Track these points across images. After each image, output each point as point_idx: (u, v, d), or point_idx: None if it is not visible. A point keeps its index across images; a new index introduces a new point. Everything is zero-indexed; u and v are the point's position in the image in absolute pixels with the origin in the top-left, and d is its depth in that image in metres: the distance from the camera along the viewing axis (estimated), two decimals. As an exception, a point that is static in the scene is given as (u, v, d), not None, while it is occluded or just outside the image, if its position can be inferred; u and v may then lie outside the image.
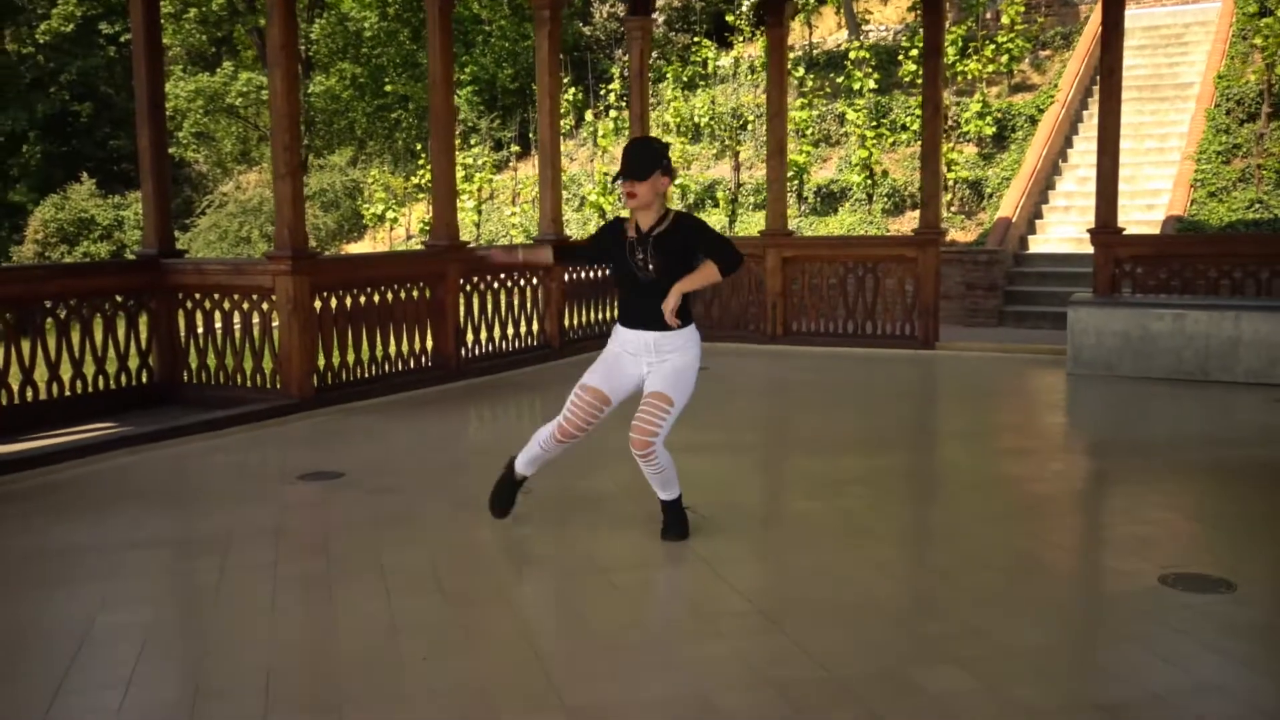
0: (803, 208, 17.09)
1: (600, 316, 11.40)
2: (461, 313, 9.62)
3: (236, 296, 8.41)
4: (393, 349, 9.05)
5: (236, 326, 8.50)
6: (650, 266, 4.80)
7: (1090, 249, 13.95)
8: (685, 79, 21.16)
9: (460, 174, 22.20)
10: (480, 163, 22.60)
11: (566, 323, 10.83)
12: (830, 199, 17.15)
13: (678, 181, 19.53)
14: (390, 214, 22.71)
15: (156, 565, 4.83)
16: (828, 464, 6.58)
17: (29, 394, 7.79)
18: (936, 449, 7.41)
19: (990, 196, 15.89)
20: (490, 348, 10.04)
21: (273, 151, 8.15)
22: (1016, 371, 9.85)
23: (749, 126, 19.36)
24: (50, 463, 6.56)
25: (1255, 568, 4.60)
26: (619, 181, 4.78)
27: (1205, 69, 17.01)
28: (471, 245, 10.36)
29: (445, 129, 9.44)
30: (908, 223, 16.13)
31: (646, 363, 4.87)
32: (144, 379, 8.60)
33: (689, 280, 4.77)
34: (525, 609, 4.16)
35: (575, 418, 4.95)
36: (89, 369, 8.20)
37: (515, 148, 23.39)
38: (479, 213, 21.03)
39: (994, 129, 16.75)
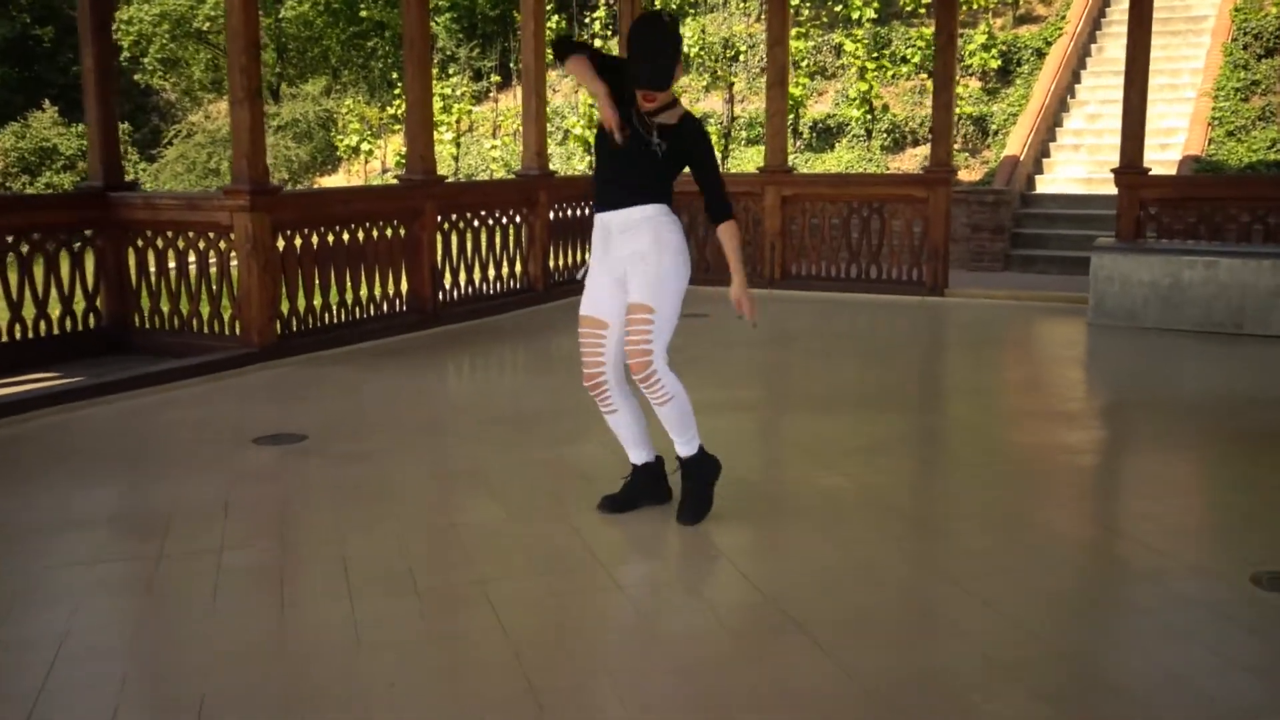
0: (798, 144, 16.32)
1: (588, 256, 10.67)
2: (439, 253, 8.89)
3: (191, 234, 7.66)
4: (364, 293, 8.33)
5: (192, 266, 7.75)
6: (631, 135, 4.15)
7: (1102, 190, 13.46)
8: (674, 6, 20.23)
9: (438, 105, 21.28)
10: (459, 93, 21.67)
11: (552, 263, 10.11)
12: (826, 134, 16.39)
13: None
14: (366, 146, 21.80)
15: (86, 550, 4.15)
16: (842, 427, 5.94)
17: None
18: (962, 410, 6.77)
19: (995, 134, 15.17)
20: (470, 291, 9.32)
21: (229, 74, 7.36)
22: (1034, 321, 9.22)
23: (741, 57, 18.51)
24: (-24, 420, 5.87)
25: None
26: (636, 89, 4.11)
27: (1220, 1, 16.26)
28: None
29: (420, 55, 8.63)
30: (908, 161, 15.40)
31: (616, 259, 4.22)
32: (91, 323, 7.88)
33: (733, 261, 4.34)
34: (513, 615, 3.52)
35: (584, 353, 4.34)
36: (28, 312, 7.47)
37: (496, 78, 22.47)
38: (457, 145, 20.14)
39: (999, 62, 15.98)
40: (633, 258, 4.18)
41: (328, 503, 4.67)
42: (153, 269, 7.86)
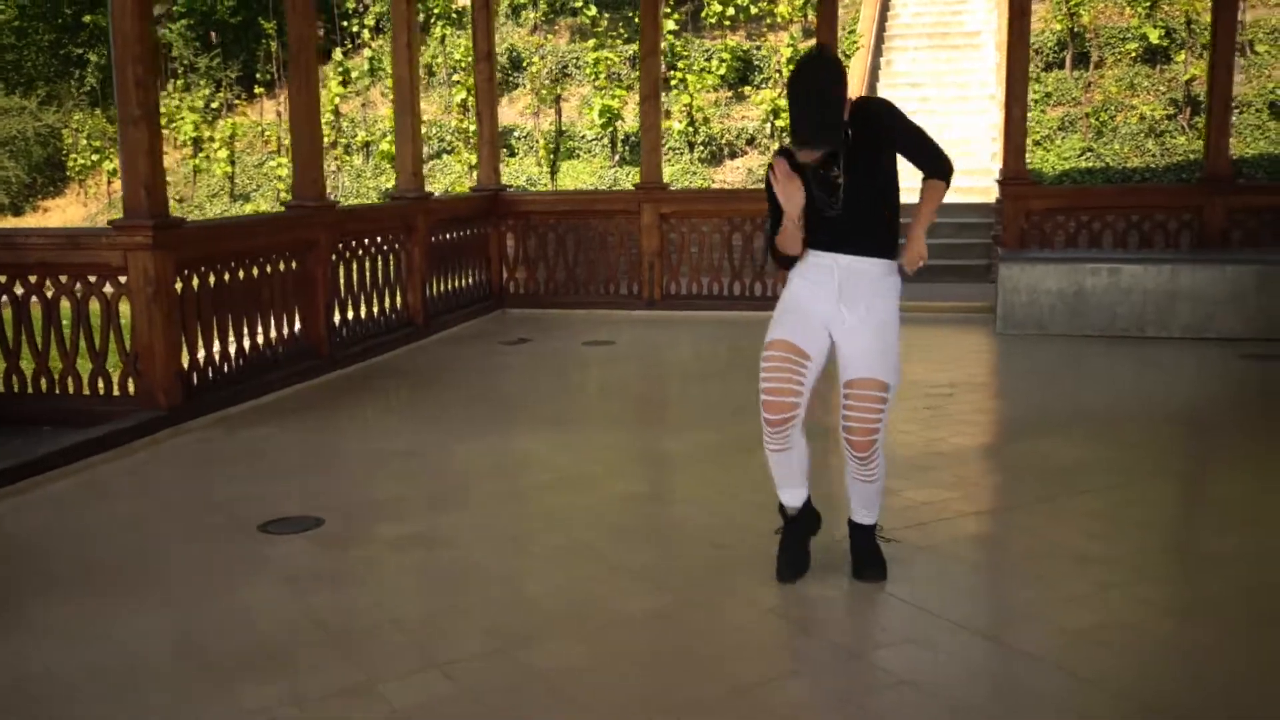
0: (614, 158, 15.94)
1: (465, 283, 9.89)
2: (331, 288, 7.90)
3: (65, 279, 6.39)
4: (260, 337, 7.27)
5: (66, 318, 6.47)
6: (840, 191, 3.66)
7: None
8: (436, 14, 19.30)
9: (190, 120, 19.51)
10: (215, 105, 19.94)
11: (429, 292, 9.25)
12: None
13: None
14: (109, 165, 19.66)
15: None
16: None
17: None
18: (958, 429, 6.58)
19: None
20: (359, 329, 8.36)
21: (118, 89, 6.16)
22: (942, 332, 9.23)
23: (528, 67, 17.94)
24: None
25: None
26: (797, 150, 3.57)
27: (987, 17, 17.21)
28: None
29: (307, 62, 7.64)
30: (729, 173, 15.36)
31: (838, 301, 3.74)
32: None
33: (925, 214, 3.79)
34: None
35: (777, 381, 3.74)
36: None
37: (238, 88, 20.81)
38: (232, 164, 18.48)
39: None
40: (865, 321, 3.72)
41: (449, 602, 3.85)
42: (8, 325, 6.52)
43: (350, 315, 8.25)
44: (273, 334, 7.38)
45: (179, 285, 6.45)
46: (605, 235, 10.37)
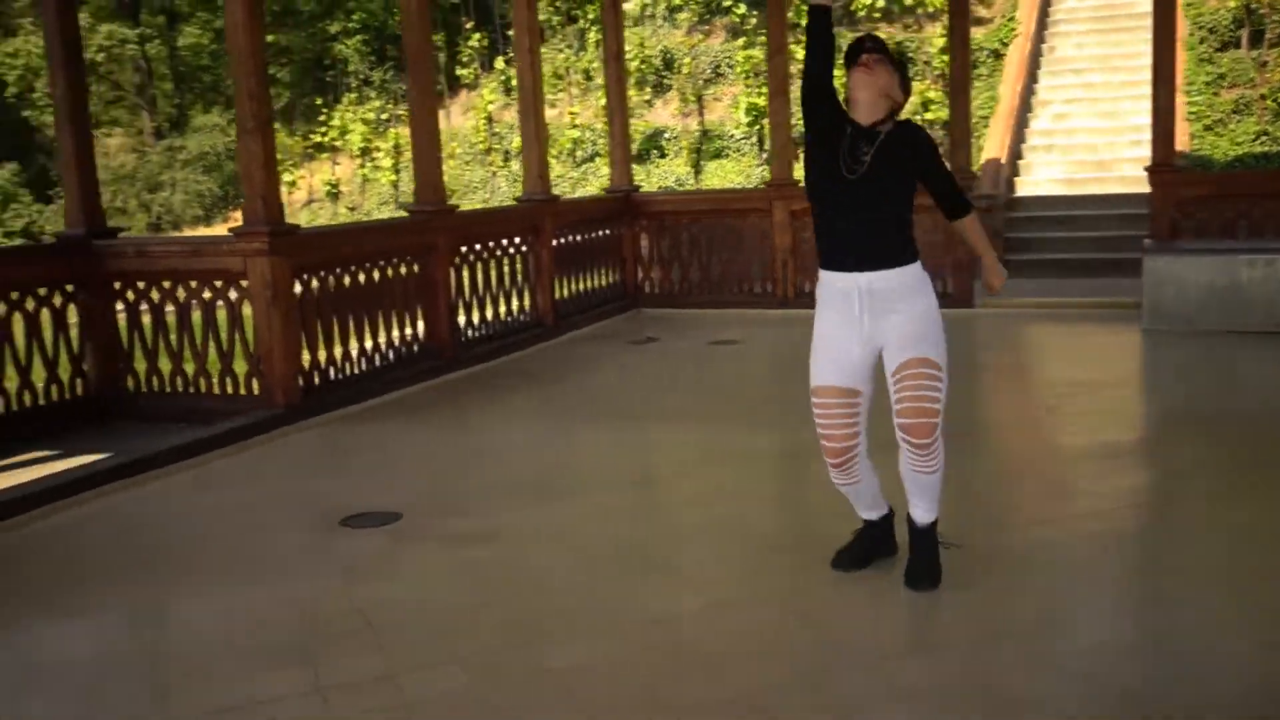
0: (761, 157, 15.83)
1: (598, 283, 9.99)
2: (454, 289, 8.11)
3: (194, 284, 6.76)
4: (382, 338, 7.52)
5: (197, 320, 6.84)
6: (865, 160, 3.59)
7: (1085, 190, 13.24)
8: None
9: (364, 130, 20.35)
10: (385, 117, 20.75)
11: (557, 294, 9.38)
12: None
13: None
14: (288, 176, 20.68)
15: (240, 693, 3.32)
16: (1021, 460, 5.36)
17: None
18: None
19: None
20: (486, 329, 8.55)
21: (237, 101, 6.49)
22: (1084, 328, 8.80)
23: (680, 68, 17.98)
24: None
25: None
26: (859, 59, 3.63)
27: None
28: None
29: (424, 74, 7.85)
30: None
31: (868, 320, 3.65)
32: (79, 390, 6.91)
33: (984, 241, 3.86)
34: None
35: (833, 429, 3.69)
36: (10, 382, 6.50)
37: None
38: (396, 172, 19.20)
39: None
40: (902, 316, 3.64)
41: (484, 598, 3.91)
42: (148, 326, 6.93)
43: (476, 316, 8.45)
44: (395, 335, 7.62)
45: (297, 289, 6.74)
46: (738, 234, 10.30)
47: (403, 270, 7.66)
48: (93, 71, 26.43)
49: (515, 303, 8.92)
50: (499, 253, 8.71)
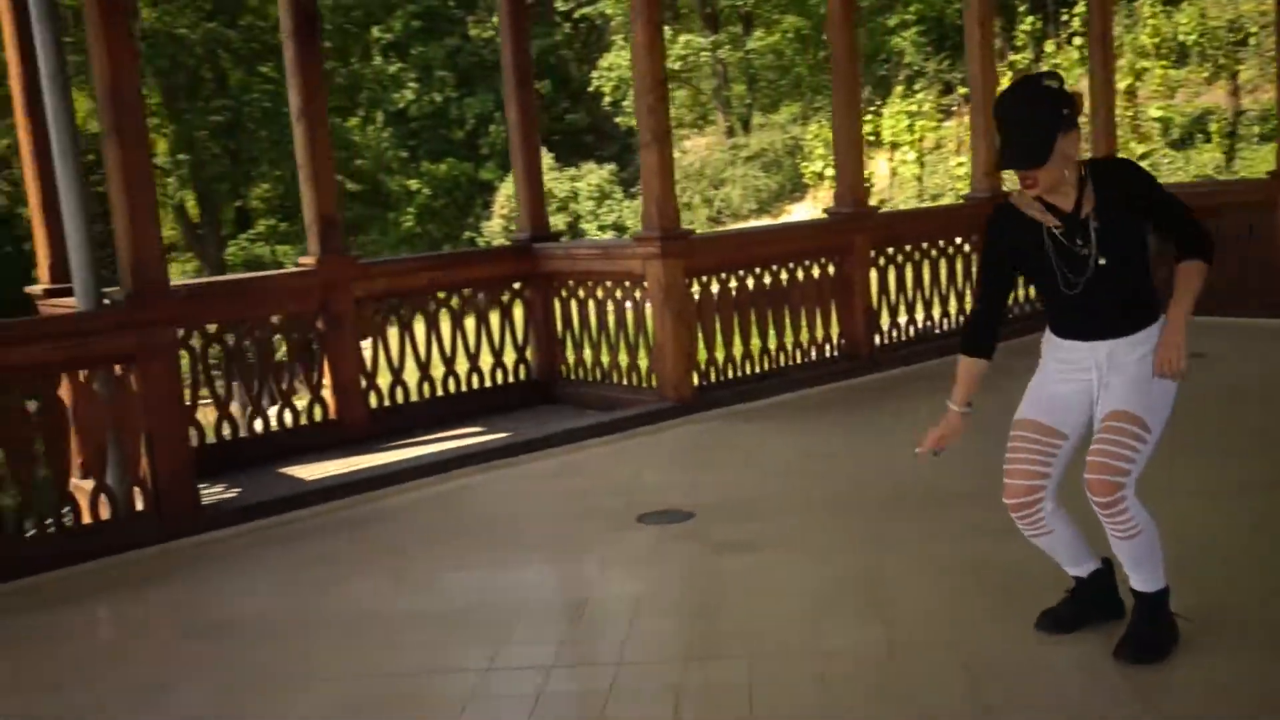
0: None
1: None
2: (874, 292, 8.05)
3: (609, 284, 7.41)
4: (788, 339, 7.69)
5: (611, 317, 7.50)
6: (1097, 258, 3.16)
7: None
8: None
9: (903, 122, 20.40)
10: (925, 109, 20.63)
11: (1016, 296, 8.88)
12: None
13: (1156, 114, 16.50)
14: (830, 171, 21.31)
15: (417, 658, 3.79)
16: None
17: (399, 395, 7.27)
18: None
19: None
20: (912, 332, 8.39)
21: (636, 116, 7.03)
22: None
23: (1251, 40, 15.93)
24: (383, 485, 5.85)
25: None
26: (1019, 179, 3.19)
27: None
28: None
29: (848, 79, 7.87)
30: None
31: (1097, 379, 3.26)
32: (521, 375, 7.86)
33: (1185, 302, 3.19)
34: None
35: (1019, 463, 3.33)
36: (461, 366, 7.57)
37: (963, 90, 21.12)
38: (921, 165, 19.10)
39: None
40: (1133, 364, 3.23)
41: (689, 605, 4.03)
42: (576, 319, 7.71)
43: (903, 319, 8.32)
44: (803, 337, 7.75)
45: (695, 290, 7.14)
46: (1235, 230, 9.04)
47: (814, 272, 7.77)
48: (675, 78, 29.05)
49: (953, 305, 8.62)
50: (934, 254, 8.48)
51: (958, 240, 8.61)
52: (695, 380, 7.09)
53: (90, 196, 5.29)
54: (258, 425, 6.67)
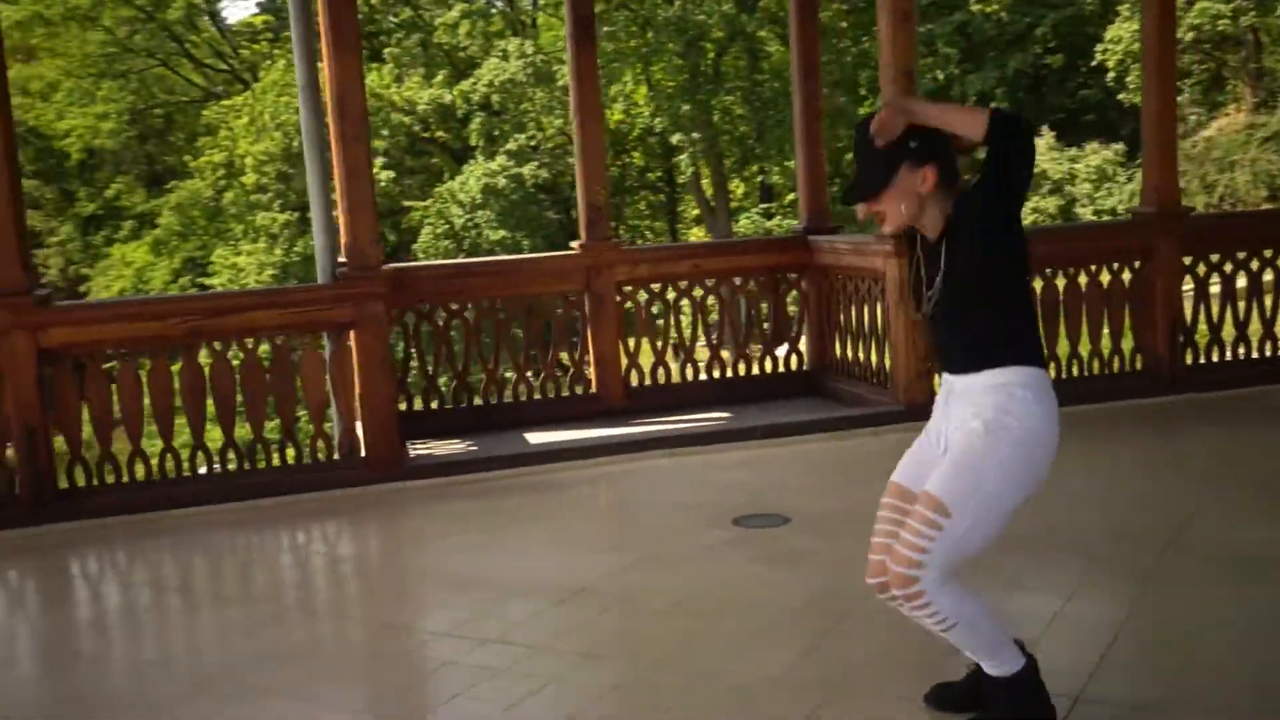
0: None
1: None
2: (1179, 303, 7.15)
3: (863, 280, 7.29)
4: (1064, 348, 7.09)
5: (865, 313, 7.37)
6: (928, 292, 2.95)
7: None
8: None
9: None
10: None
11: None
12: None
13: None
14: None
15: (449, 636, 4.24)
16: None
17: (659, 376, 7.67)
18: None
19: None
20: (1241, 352, 7.32)
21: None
22: None
23: None
24: (573, 458, 6.32)
25: None
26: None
27: None
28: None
29: (1162, 66, 7.02)
30: None
31: (944, 424, 3.01)
32: (792, 366, 7.95)
33: (939, 103, 2.95)
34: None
35: (875, 536, 3.05)
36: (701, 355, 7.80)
37: None
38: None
39: None
40: (959, 430, 2.93)
41: (732, 607, 4.15)
42: (842, 314, 7.65)
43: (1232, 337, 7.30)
44: (1083, 348, 7.10)
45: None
46: None
47: (1103, 278, 7.08)
48: (1197, 50, 26.18)
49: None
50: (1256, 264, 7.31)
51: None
52: (928, 387, 6.79)
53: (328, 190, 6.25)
54: (509, 394, 7.32)
